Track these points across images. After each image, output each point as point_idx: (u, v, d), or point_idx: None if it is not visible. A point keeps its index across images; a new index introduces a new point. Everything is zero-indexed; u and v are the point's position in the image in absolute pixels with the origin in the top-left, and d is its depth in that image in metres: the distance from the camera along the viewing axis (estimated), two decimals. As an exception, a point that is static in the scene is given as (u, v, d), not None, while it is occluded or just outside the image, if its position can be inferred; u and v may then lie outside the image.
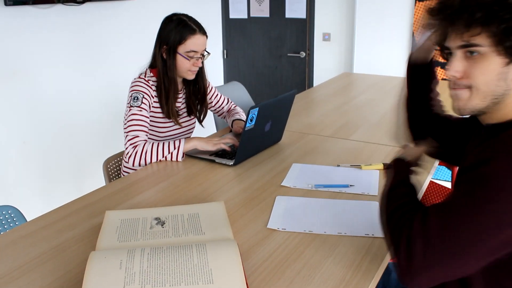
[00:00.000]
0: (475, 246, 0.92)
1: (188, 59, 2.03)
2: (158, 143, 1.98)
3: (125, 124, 2.01)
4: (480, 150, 0.98)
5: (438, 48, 1.15)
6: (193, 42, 2.01)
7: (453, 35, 1.04)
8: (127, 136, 1.98)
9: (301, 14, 4.52)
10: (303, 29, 4.55)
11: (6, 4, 2.76)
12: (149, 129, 2.15)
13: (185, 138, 2.03)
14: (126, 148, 1.97)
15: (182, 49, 2.02)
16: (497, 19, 0.96)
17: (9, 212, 1.78)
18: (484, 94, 1.02)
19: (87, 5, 3.28)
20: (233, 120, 2.35)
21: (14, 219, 1.79)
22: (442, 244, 0.93)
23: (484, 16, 0.96)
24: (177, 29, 2.00)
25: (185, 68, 2.05)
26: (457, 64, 1.04)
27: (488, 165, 0.93)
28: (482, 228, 0.91)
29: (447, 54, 1.10)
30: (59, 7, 3.11)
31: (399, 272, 0.98)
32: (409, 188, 1.17)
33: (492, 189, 0.91)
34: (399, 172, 1.24)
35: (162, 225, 1.39)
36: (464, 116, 1.25)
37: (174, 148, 1.97)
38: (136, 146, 1.96)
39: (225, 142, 2.02)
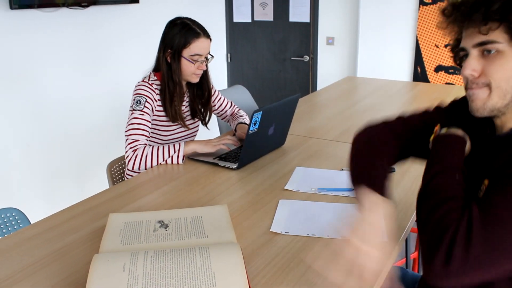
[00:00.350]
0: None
1: (192, 63, 2.04)
2: (158, 147, 1.98)
3: (126, 127, 2.01)
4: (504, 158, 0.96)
5: (452, 53, 1.13)
6: (197, 46, 2.02)
7: (469, 33, 1.02)
8: (127, 139, 1.99)
9: (305, 18, 4.53)
10: (307, 33, 4.56)
11: (11, 7, 2.77)
12: (153, 133, 2.16)
13: (184, 141, 2.04)
14: (126, 152, 1.98)
15: (186, 52, 2.03)
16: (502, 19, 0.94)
17: (13, 214, 1.79)
18: (504, 92, 1.00)
19: (91, 8, 3.29)
20: (237, 124, 2.36)
21: (18, 221, 1.79)
22: (484, 253, 0.90)
23: (501, 8, 0.94)
24: (181, 33, 2.01)
25: (190, 71, 2.06)
26: (474, 63, 1.01)
27: None
28: None
29: (462, 56, 1.08)
30: (64, 10, 3.13)
31: (430, 272, 0.94)
32: (461, 176, 1.05)
33: None
34: (456, 151, 1.10)
35: (165, 228, 1.39)
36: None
37: (174, 152, 1.97)
38: (136, 149, 1.96)
39: (224, 143, 2.03)
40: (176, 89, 2.08)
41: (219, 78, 4.88)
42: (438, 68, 3.96)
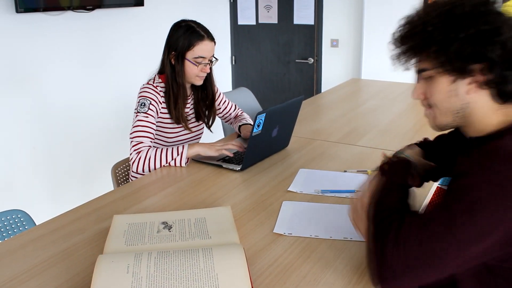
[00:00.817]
0: (449, 258, 0.93)
1: (196, 65, 2.05)
2: (162, 149, 1.99)
3: (131, 130, 2.03)
4: (460, 163, 1.01)
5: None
6: (201, 48, 2.03)
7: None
8: (132, 141, 2.00)
9: (309, 20, 4.53)
10: (311, 35, 4.57)
11: (17, 11, 2.80)
12: (157, 135, 2.17)
13: (188, 143, 2.04)
14: (131, 154, 1.99)
15: (190, 55, 2.04)
16: (431, 42, 1.03)
17: (19, 216, 1.81)
18: (445, 111, 1.10)
19: (97, 11, 3.32)
20: (240, 125, 2.36)
21: (24, 223, 1.81)
22: (419, 258, 0.94)
23: (421, 42, 1.05)
24: (185, 35, 2.02)
25: (193, 74, 2.07)
26: (417, 87, 1.14)
27: (466, 178, 0.96)
28: (456, 241, 0.92)
29: None
30: (69, 13, 3.15)
31: (373, 275, 1.00)
32: (404, 194, 1.15)
33: (468, 202, 0.93)
34: (397, 172, 1.21)
35: (169, 229, 1.40)
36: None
37: (177, 154, 1.98)
38: (139, 152, 1.97)
39: (228, 148, 2.02)
40: (180, 91, 2.09)
41: (223, 80, 4.89)
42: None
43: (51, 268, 1.26)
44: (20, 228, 1.79)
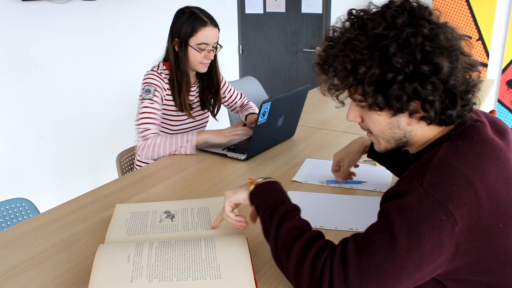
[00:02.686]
0: (397, 281, 0.89)
1: (199, 52, 2.02)
2: (170, 136, 1.97)
3: (137, 116, 2.01)
4: (397, 184, 0.98)
5: None
6: (204, 35, 2.00)
7: None
8: (138, 128, 1.98)
9: (317, 9, 4.48)
10: (319, 25, 4.51)
11: (23, -1, 2.78)
12: (162, 122, 2.15)
13: (196, 131, 2.02)
14: (137, 141, 1.97)
15: (193, 41, 2.01)
16: (366, 84, 0.95)
17: (23, 204, 1.80)
18: (386, 139, 1.07)
19: (102, 0, 3.29)
20: (247, 115, 2.34)
21: (28, 211, 1.80)
22: (363, 283, 0.89)
23: (354, 82, 0.97)
24: (188, 21, 1.99)
25: (197, 60, 2.04)
26: (351, 111, 1.08)
27: (399, 199, 0.92)
28: (403, 264, 0.88)
29: None
30: (75, 2, 3.13)
31: None
32: (297, 211, 1.11)
33: (405, 222, 0.89)
34: (278, 192, 1.16)
35: (171, 219, 1.38)
36: None
37: (186, 142, 1.96)
38: (147, 138, 1.95)
39: (237, 133, 2.00)
40: (184, 79, 2.06)
41: (231, 69, 4.86)
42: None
43: (53, 257, 1.25)
44: (24, 217, 1.78)
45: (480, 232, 0.90)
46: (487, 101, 3.77)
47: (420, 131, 1.03)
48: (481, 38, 3.73)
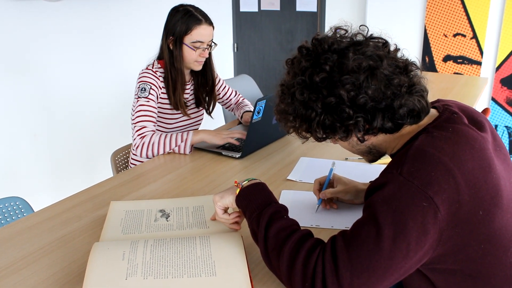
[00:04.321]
0: (388, 271, 0.91)
1: (194, 50, 2.02)
2: (166, 135, 1.97)
3: (132, 115, 2.00)
4: (379, 176, 1.02)
5: None
6: (198, 33, 2.00)
7: None
8: (134, 127, 1.98)
9: (312, 7, 4.48)
10: (314, 23, 4.52)
11: (16, -4, 2.77)
12: (157, 120, 2.15)
13: (193, 130, 2.02)
14: (134, 139, 1.97)
15: (188, 39, 2.01)
16: (303, 125, 1.07)
17: (17, 203, 1.79)
18: (359, 153, 1.18)
19: (97, -3, 3.28)
20: (243, 113, 2.34)
21: (22, 210, 1.80)
22: (354, 278, 0.91)
23: (299, 126, 1.09)
24: (183, 20, 1.99)
25: (192, 58, 2.04)
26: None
27: (381, 190, 0.95)
28: (391, 254, 0.90)
29: None
30: (69, 0, 3.11)
31: None
32: (284, 210, 1.12)
33: (391, 213, 0.91)
34: (264, 194, 1.16)
35: (166, 218, 1.38)
36: None
37: (182, 141, 1.96)
38: (143, 136, 1.95)
39: (234, 137, 2.00)
40: (179, 77, 2.06)
41: (225, 67, 4.86)
42: (447, 58, 3.91)
43: (47, 255, 1.25)
44: (19, 216, 1.78)
45: (461, 218, 0.92)
46: (481, 99, 3.79)
47: (385, 139, 1.10)
48: (475, 36, 3.75)
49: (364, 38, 1.07)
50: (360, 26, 1.09)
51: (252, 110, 2.35)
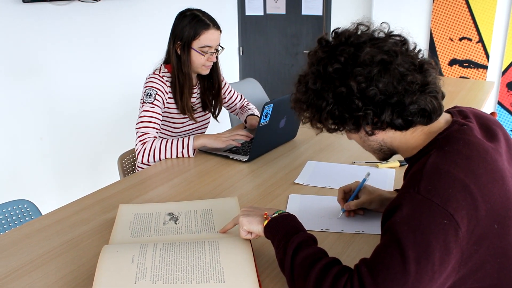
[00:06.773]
0: None
1: (202, 54, 2.02)
2: (167, 141, 1.97)
3: (137, 120, 2.01)
4: (395, 198, 0.99)
5: None
6: (207, 37, 2.00)
7: None
8: (137, 132, 1.98)
9: (318, 11, 4.48)
10: (320, 26, 4.52)
11: (24, 1, 2.78)
12: (164, 125, 2.15)
13: (193, 135, 2.02)
14: (136, 145, 1.97)
15: (196, 44, 2.01)
16: (315, 117, 1.10)
17: (25, 206, 1.80)
18: (370, 151, 1.18)
19: (103, 1, 3.29)
20: (247, 116, 2.34)
21: (30, 213, 1.80)
22: None
23: (311, 117, 1.12)
24: (191, 25, 1.99)
25: (200, 63, 2.05)
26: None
27: (399, 211, 0.93)
28: (418, 276, 0.87)
29: None
30: (76, 4, 3.13)
31: None
32: (312, 240, 1.09)
33: (409, 232, 0.89)
34: (294, 224, 1.14)
35: (175, 221, 1.38)
36: None
37: (183, 147, 1.96)
38: (145, 142, 1.95)
39: (235, 139, 2.00)
40: (186, 81, 2.06)
41: (231, 71, 4.86)
42: (452, 62, 3.90)
43: (56, 258, 1.25)
44: (26, 218, 1.78)
45: (479, 235, 0.91)
46: (487, 103, 3.77)
47: (395, 137, 1.09)
48: (481, 40, 3.74)
49: (384, 35, 1.08)
50: (382, 23, 1.11)
51: (256, 113, 2.36)
